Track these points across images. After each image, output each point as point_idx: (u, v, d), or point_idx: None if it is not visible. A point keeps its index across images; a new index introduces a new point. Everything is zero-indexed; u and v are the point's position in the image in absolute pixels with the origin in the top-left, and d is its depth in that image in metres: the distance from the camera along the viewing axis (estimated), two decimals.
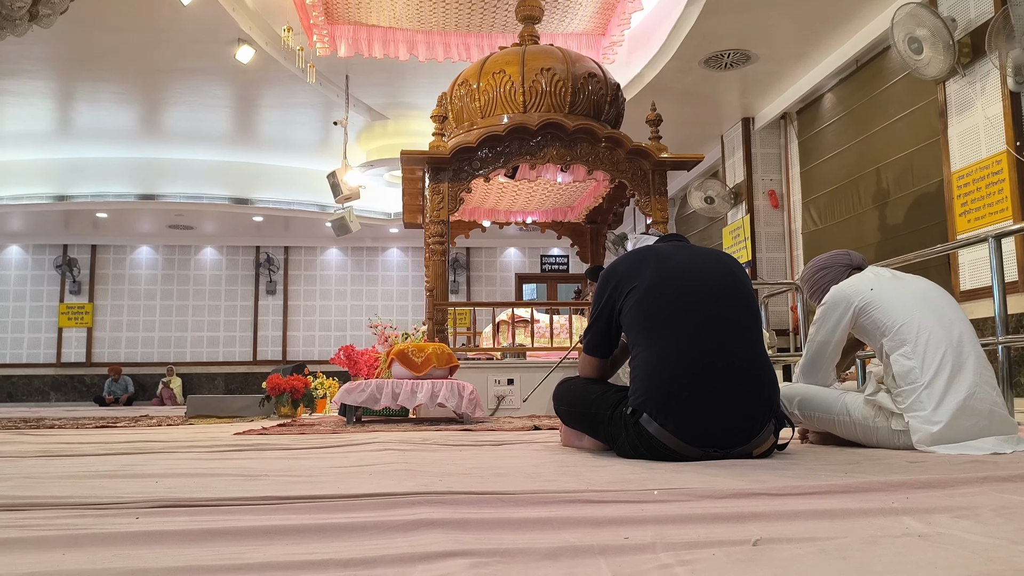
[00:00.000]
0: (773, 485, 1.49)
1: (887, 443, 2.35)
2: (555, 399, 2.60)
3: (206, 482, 1.72)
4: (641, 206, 6.06)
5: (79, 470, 2.02)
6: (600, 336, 2.40)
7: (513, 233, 14.94)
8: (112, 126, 10.90)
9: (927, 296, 2.41)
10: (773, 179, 9.14)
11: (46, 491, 1.57)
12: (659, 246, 2.40)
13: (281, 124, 10.88)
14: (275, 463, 2.18)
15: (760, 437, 2.12)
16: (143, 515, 1.28)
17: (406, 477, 1.75)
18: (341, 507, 1.32)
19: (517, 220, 7.90)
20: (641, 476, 1.72)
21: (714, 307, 2.19)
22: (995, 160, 5.44)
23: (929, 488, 1.46)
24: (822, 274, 2.68)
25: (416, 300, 15.33)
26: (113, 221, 13.87)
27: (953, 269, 5.86)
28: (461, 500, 1.36)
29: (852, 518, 1.19)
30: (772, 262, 9.03)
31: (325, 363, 12.97)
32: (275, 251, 15.36)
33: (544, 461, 2.14)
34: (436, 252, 5.96)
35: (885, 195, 7.14)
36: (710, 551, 0.98)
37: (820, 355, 2.55)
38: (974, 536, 1.04)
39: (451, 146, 5.85)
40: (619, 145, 5.96)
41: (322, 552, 0.99)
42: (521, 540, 1.05)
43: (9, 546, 1.04)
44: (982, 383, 2.24)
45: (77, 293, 14.81)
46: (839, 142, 7.92)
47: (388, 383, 4.52)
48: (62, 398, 14.57)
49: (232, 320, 15.19)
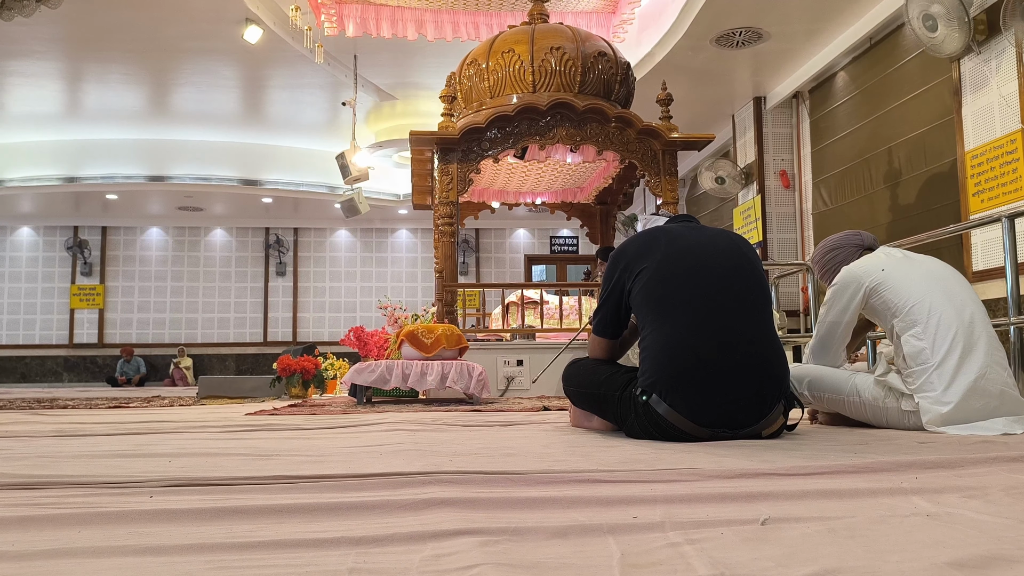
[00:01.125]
0: (782, 465, 1.50)
1: (897, 424, 2.35)
2: (564, 380, 2.60)
3: (218, 462, 1.74)
4: (651, 187, 6.03)
5: (93, 450, 2.04)
6: (610, 317, 2.40)
7: (522, 214, 14.91)
8: (121, 107, 10.91)
9: (939, 276, 2.40)
10: (784, 159, 9.08)
11: (61, 470, 1.59)
12: (669, 227, 2.39)
13: (290, 105, 10.86)
14: (286, 443, 2.20)
15: (769, 418, 2.12)
16: (157, 494, 1.29)
17: (416, 457, 1.77)
18: (352, 486, 1.33)
19: (526, 201, 7.88)
20: (650, 456, 1.73)
21: (724, 288, 2.18)
22: (1009, 139, 5.39)
23: (938, 468, 1.46)
24: (833, 255, 2.67)
25: (425, 281, 15.34)
26: (123, 202, 13.91)
27: (966, 249, 5.82)
28: (471, 480, 1.37)
29: (861, 498, 1.19)
30: (783, 243, 8.99)
31: (335, 344, 13.03)
32: (284, 232, 15.38)
33: (553, 441, 2.15)
34: (445, 233, 5.96)
35: (897, 175, 7.09)
36: (719, 530, 0.98)
37: (830, 336, 2.54)
38: (983, 516, 1.04)
39: (460, 127, 5.83)
40: (629, 125, 5.92)
41: (333, 530, 1.00)
42: (530, 519, 1.06)
43: (25, 524, 1.06)
44: (993, 364, 2.23)
45: (88, 275, 14.89)
46: (851, 121, 7.85)
47: (398, 364, 4.54)
48: (75, 379, 14.70)
49: (242, 301, 15.25)
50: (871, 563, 0.80)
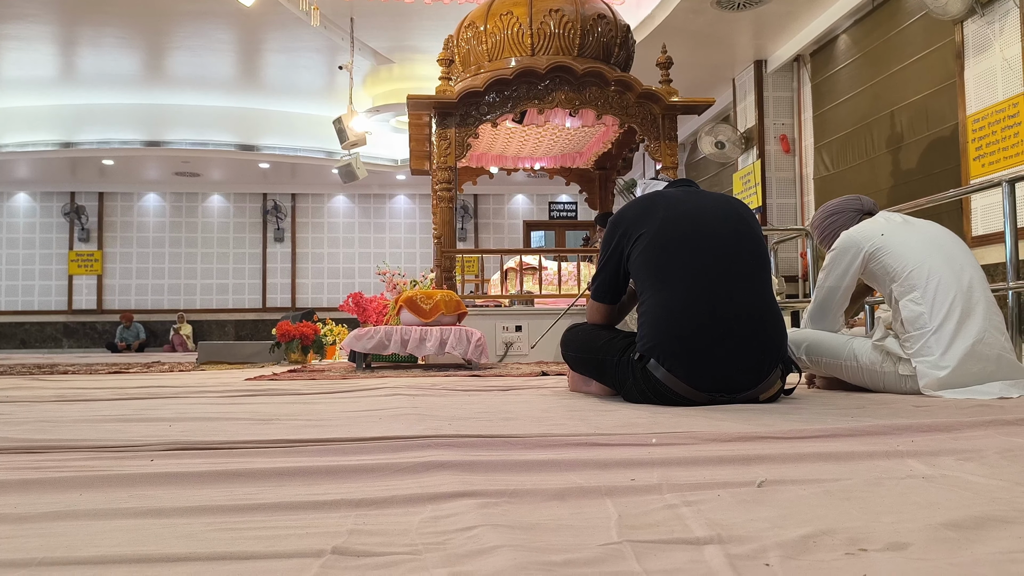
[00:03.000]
0: (779, 429, 1.50)
1: (894, 388, 2.36)
2: (563, 345, 2.61)
3: (219, 426, 1.75)
4: (650, 151, 6.00)
5: (93, 414, 2.05)
6: (608, 282, 2.40)
7: (521, 180, 14.84)
8: (116, 71, 10.79)
9: (938, 241, 2.39)
10: (785, 123, 9.01)
11: (62, 434, 1.60)
12: (668, 191, 2.38)
13: (286, 69, 10.75)
14: (286, 408, 2.21)
15: (767, 382, 2.13)
16: (158, 457, 1.30)
17: (415, 421, 1.78)
18: (352, 450, 1.34)
19: (525, 166, 7.84)
20: (648, 420, 1.74)
21: (723, 253, 2.17)
22: (1012, 103, 5.35)
23: (934, 432, 1.47)
24: (833, 219, 2.66)
25: (424, 247, 15.32)
26: (119, 168, 13.83)
27: (965, 214, 5.81)
28: (470, 443, 1.38)
29: (857, 461, 1.20)
30: (783, 208, 8.96)
31: (334, 310, 13.04)
32: (282, 198, 15.32)
33: (552, 406, 2.16)
34: (443, 199, 5.94)
35: (899, 139, 7.04)
36: (715, 492, 0.99)
37: (829, 301, 2.54)
38: (978, 478, 1.05)
39: (458, 91, 5.78)
40: (629, 89, 5.87)
41: (333, 493, 1.00)
42: (529, 481, 1.07)
43: (27, 487, 1.06)
44: (991, 328, 2.23)
45: (86, 240, 14.86)
46: (853, 85, 7.77)
47: (397, 330, 4.55)
48: (74, 345, 14.74)
49: (241, 267, 15.24)
50: (866, 524, 0.81)
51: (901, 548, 0.72)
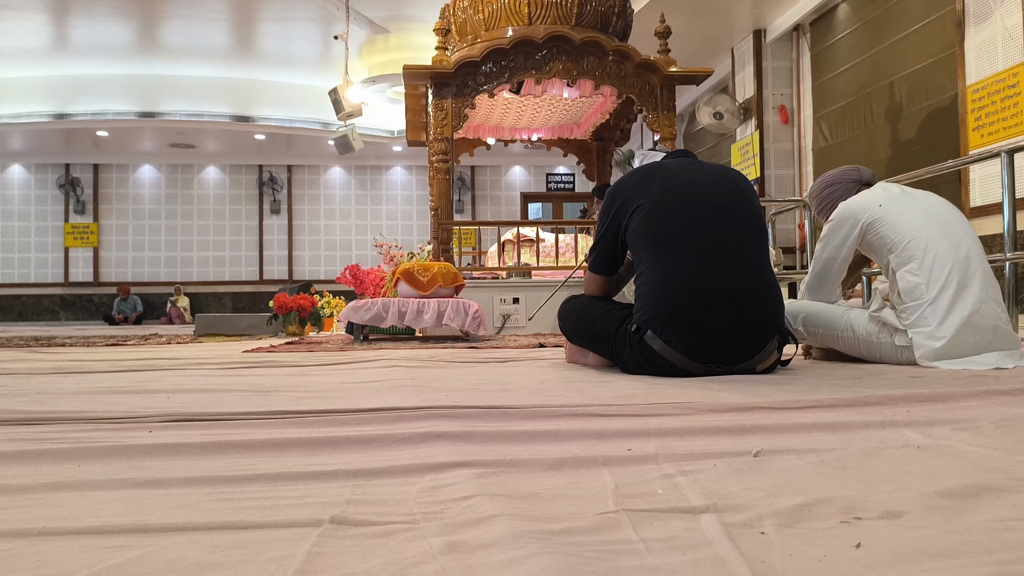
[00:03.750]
0: (775, 399, 1.51)
1: (890, 359, 2.37)
2: (560, 317, 2.61)
3: (217, 397, 1.75)
4: (649, 122, 5.96)
5: (91, 386, 2.06)
6: (605, 254, 2.40)
7: (518, 151, 14.76)
8: (110, 41, 10.66)
9: (936, 212, 2.39)
10: (784, 94, 8.95)
11: (60, 406, 1.60)
12: (666, 162, 2.37)
13: (281, 39, 10.63)
14: (284, 379, 2.21)
15: (763, 353, 2.13)
16: (156, 429, 1.31)
17: (413, 392, 1.78)
18: (350, 421, 1.34)
19: (522, 137, 7.78)
20: (645, 391, 1.74)
21: (720, 224, 2.17)
22: (1012, 73, 5.31)
23: (930, 402, 1.48)
24: (831, 190, 2.65)
25: (421, 219, 15.28)
26: (114, 139, 13.73)
27: (964, 185, 5.79)
28: (467, 414, 1.39)
29: (852, 430, 1.21)
30: (781, 179, 8.93)
31: (331, 282, 13.03)
32: (278, 170, 15.24)
33: (549, 377, 2.17)
34: (440, 170, 5.90)
35: (898, 110, 7.00)
36: (712, 462, 0.99)
37: (826, 271, 2.54)
38: (973, 447, 1.06)
39: (454, 61, 5.72)
40: (627, 59, 5.82)
41: (332, 463, 1.01)
42: (526, 452, 1.07)
43: (26, 458, 1.07)
44: (987, 299, 2.24)
45: (81, 213, 14.80)
46: (852, 55, 7.71)
47: (394, 302, 4.54)
48: (71, 317, 14.73)
49: (237, 240, 15.20)
50: (861, 493, 0.82)
51: (896, 517, 0.73)
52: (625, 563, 0.61)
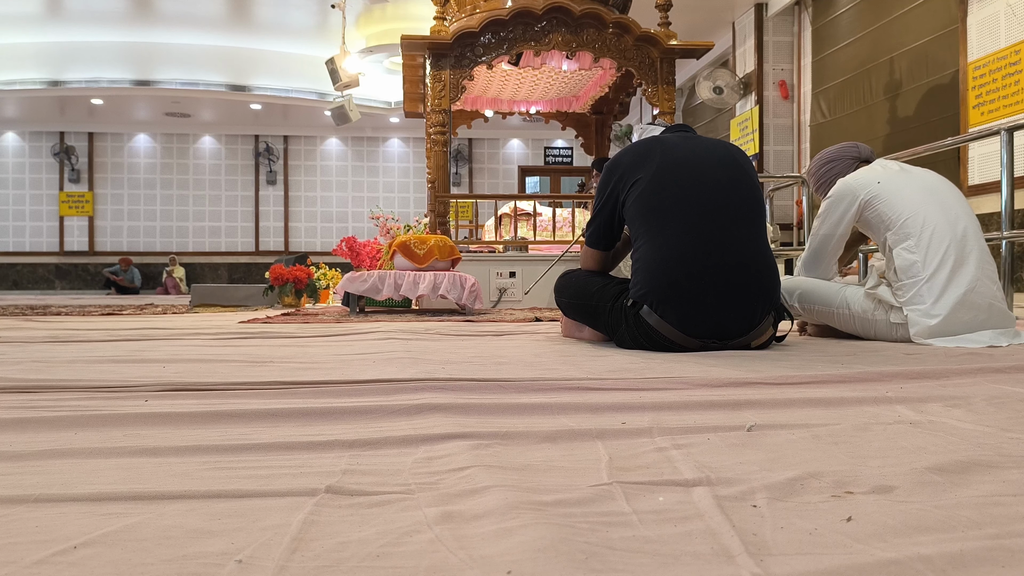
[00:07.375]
0: (769, 374, 1.52)
1: (885, 336, 2.38)
2: (557, 291, 2.61)
3: (213, 367, 1.75)
4: (648, 96, 5.92)
5: (87, 355, 2.06)
6: (603, 228, 2.39)
7: (516, 124, 14.68)
8: (104, 7, 10.53)
9: (934, 190, 2.38)
10: (784, 69, 8.90)
11: (56, 375, 1.60)
12: (665, 137, 2.36)
13: (277, 7, 10.51)
14: (280, 350, 2.22)
15: (759, 329, 2.14)
16: (152, 398, 1.31)
17: (409, 364, 1.78)
18: (346, 392, 1.35)
19: (520, 110, 7.73)
20: (640, 366, 1.75)
21: (718, 199, 2.16)
22: (1014, 50, 5.28)
23: (923, 379, 1.49)
24: (829, 167, 2.65)
25: (418, 192, 15.22)
26: (109, 108, 13.61)
27: (963, 163, 5.78)
28: (463, 386, 1.39)
29: (846, 406, 1.22)
30: (779, 155, 8.90)
31: (327, 254, 13.03)
32: (274, 140, 15.15)
33: (544, 351, 2.17)
34: (437, 143, 5.87)
35: (898, 86, 6.96)
36: (705, 436, 1.00)
37: (823, 248, 2.54)
38: (965, 424, 1.07)
39: (453, 31, 5.67)
40: (627, 31, 5.76)
41: (327, 434, 1.01)
42: (521, 424, 1.08)
43: (23, 426, 1.07)
44: (983, 277, 2.24)
45: (76, 181, 14.71)
46: (854, 30, 7.65)
47: (391, 274, 4.54)
48: (67, 286, 14.71)
49: (233, 210, 15.14)
50: (853, 467, 0.82)
51: (886, 491, 0.73)
52: (618, 534, 0.62)
